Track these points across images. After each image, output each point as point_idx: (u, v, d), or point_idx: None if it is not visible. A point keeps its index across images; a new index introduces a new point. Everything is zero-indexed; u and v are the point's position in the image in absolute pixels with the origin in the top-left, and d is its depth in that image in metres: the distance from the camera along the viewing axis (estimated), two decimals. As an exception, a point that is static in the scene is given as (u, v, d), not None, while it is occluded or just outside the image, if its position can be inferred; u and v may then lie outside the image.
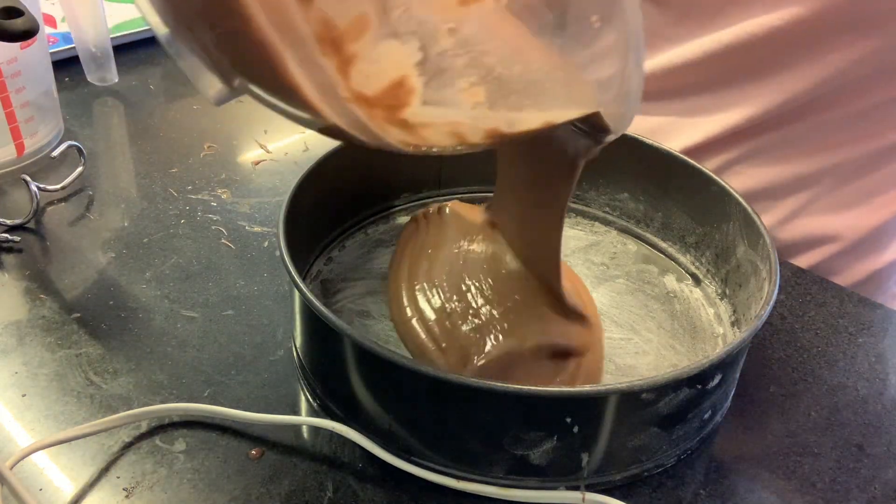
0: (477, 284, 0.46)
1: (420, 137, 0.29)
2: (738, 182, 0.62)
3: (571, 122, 0.36)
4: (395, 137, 0.28)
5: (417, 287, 0.48)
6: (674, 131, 0.63)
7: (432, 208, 0.53)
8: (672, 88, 0.63)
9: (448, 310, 0.45)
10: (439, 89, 0.29)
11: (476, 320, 0.44)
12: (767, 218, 0.62)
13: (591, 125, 0.37)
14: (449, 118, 0.29)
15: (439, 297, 0.47)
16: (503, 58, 0.30)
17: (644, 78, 0.35)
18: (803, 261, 0.62)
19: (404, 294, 0.48)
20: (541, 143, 0.41)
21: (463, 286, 0.47)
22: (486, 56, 0.30)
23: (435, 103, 0.29)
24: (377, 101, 0.27)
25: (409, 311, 0.46)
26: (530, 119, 0.32)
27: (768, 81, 0.57)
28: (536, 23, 0.34)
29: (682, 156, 0.52)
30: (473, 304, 0.45)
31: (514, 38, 0.33)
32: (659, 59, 0.62)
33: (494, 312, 0.45)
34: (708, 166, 0.62)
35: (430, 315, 0.46)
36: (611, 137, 0.39)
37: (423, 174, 0.58)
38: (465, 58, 0.29)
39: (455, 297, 0.46)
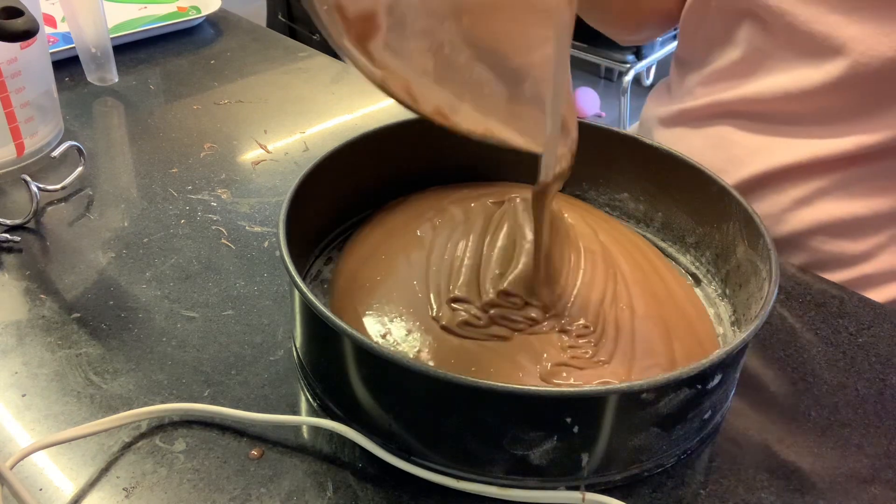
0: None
1: (380, 76, 0.34)
2: (828, 209, 0.60)
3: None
4: (361, 64, 0.34)
5: (361, 308, 0.47)
6: (776, 149, 0.62)
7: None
8: (783, 112, 0.61)
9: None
10: (398, 39, 0.34)
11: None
12: (856, 247, 0.61)
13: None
14: (403, 73, 0.34)
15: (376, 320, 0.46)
16: (454, 43, 0.34)
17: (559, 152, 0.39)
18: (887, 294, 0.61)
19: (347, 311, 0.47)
20: None
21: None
22: (440, 32, 0.34)
23: (393, 51, 0.34)
24: (352, 22, 0.33)
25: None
26: (470, 117, 0.36)
27: (881, 115, 0.56)
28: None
29: (682, 155, 0.52)
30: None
31: (480, 34, 0.36)
32: (778, 83, 0.60)
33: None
34: (799, 191, 0.59)
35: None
36: (541, 178, 0.40)
37: (423, 174, 0.58)
38: (423, 23, 0.34)
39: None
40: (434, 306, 0.46)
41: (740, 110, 0.64)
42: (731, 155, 0.64)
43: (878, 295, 0.60)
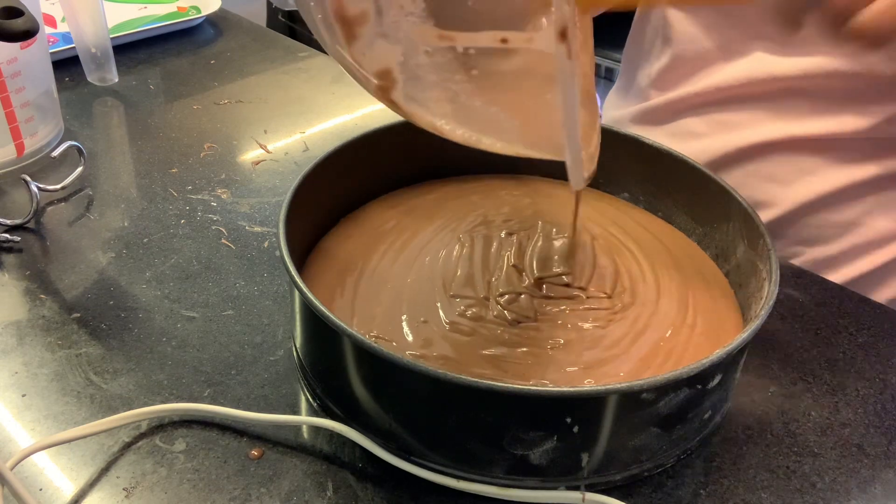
0: None
1: (411, 119, 0.38)
2: (811, 184, 0.59)
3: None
4: (393, 107, 0.38)
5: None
6: (747, 128, 0.61)
7: None
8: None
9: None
10: (415, 90, 0.37)
11: None
12: (840, 217, 0.60)
13: None
14: (427, 119, 0.38)
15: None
16: (467, 91, 0.37)
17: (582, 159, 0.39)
18: None
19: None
20: None
21: None
22: (452, 84, 0.37)
23: (412, 100, 0.37)
24: (373, 78, 0.37)
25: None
26: (496, 145, 0.39)
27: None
28: None
29: (682, 155, 0.52)
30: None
31: (490, 84, 0.38)
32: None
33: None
34: (775, 167, 0.58)
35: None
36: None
37: (423, 174, 0.58)
38: (435, 77, 0.37)
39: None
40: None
41: (703, 101, 0.63)
42: (700, 144, 0.63)
43: (866, 263, 0.60)
